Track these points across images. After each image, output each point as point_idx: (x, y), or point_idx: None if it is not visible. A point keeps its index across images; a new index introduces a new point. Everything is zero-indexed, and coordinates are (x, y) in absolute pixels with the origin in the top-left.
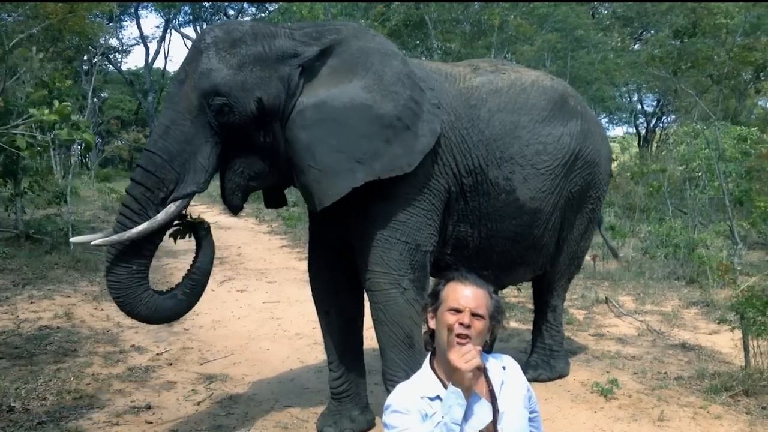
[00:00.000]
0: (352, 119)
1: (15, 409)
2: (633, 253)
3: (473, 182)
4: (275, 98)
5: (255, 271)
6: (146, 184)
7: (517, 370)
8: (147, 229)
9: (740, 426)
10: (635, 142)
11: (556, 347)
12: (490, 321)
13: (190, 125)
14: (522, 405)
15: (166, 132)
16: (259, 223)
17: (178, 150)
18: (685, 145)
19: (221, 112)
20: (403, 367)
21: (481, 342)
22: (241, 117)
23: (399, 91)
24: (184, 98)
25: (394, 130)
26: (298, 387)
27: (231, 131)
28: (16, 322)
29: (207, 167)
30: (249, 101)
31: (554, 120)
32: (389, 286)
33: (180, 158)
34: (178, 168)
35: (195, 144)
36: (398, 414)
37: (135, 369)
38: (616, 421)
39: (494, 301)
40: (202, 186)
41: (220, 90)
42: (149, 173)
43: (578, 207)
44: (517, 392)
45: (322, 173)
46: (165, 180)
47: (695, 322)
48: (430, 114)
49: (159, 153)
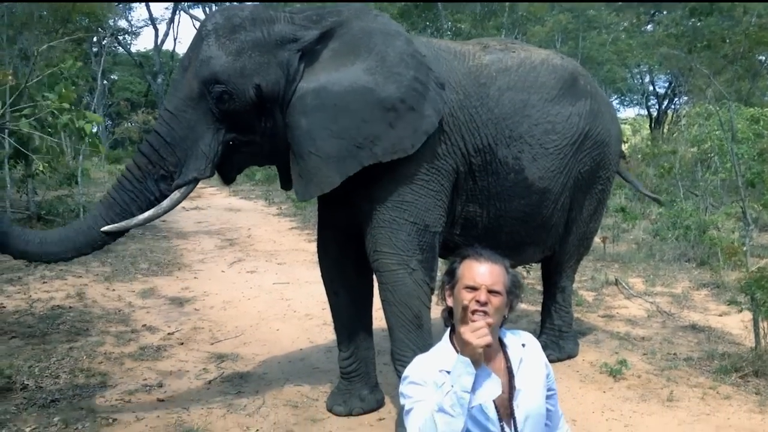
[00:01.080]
0: (353, 104)
1: (28, 387)
2: (643, 235)
3: (482, 162)
4: (274, 84)
5: (265, 252)
6: (150, 158)
7: (536, 347)
8: (153, 215)
9: (749, 406)
10: (647, 123)
11: (565, 328)
12: (508, 296)
13: (193, 112)
14: (540, 383)
15: (171, 118)
16: (268, 205)
17: (182, 136)
18: (697, 126)
19: (221, 99)
20: (412, 347)
21: (499, 318)
22: (240, 103)
23: (402, 72)
24: (186, 86)
25: (396, 112)
26: (308, 366)
27: (232, 118)
28: (28, 301)
29: (208, 154)
30: (248, 88)
31: (563, 99)
32: (397, 267)
33: (183, 144)
34: (180, 153)
35: (197, 131)
36: (414, 385)
37: (147, 348)
38: (624, 401)
39: (511, 275)
40: (203, 173)
41: (219, 77)
42: (154, 150)
43: (588, 187)
44: (535, 370)
45: (323, 160)
46: (167, 160)
47: (705, 303)
48: (435, 93)
49: (164, 136)
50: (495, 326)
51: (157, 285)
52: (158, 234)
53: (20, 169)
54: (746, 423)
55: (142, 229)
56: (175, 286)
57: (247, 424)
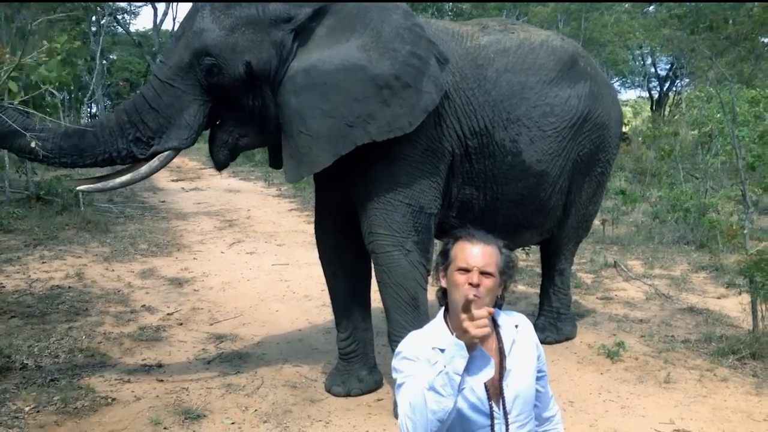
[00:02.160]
0: (344, 82)
1: (28, 366)
2: (643, 217)
3: (478, 144)
4: (265, 63)
5: (264, 233)
6: (131, 117)
7: (529, 329)
8: (130, 180)
9: (746, 388)
10: (648, 106)
11: (563, 310)
12: (501, 277)
13: (181, 82)
14: (530, 365)
15: (160, 85)
16: (268, 186)
17: (167, 104)
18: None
19: (210, 72)
20: (408, 328)
21: (492, 299)
22: (229, 79)
23: (397, 48)
24: (177, 55)
25: (391, 90)
26: (306, 347)
27: (220, 92)
28: (28, 281)
29: (192, 125)
30: (238, 64)
31: (562, 81)
32: (392, 249)
33: (167, 112)
34: (162, 121)
35: (183, 101)
36: (407, 360)
37: (146, 328)
38: (622, 382)
39: (504, 256)
40: (185, 142)
41: (209, 50)
42: (136, 111)
43: (587, 170)
44: (526, 351)
45: (313, 139)
46: (147, 125)
47: (704, 286)
48: (436, 69)
49: (149, 101)
50: (487, 306)
51: (157, 266)
52: (157, 215)
53: None
54: (743, 405)
55: (141, 210)
56: (174, 267)
57: (246, 404)
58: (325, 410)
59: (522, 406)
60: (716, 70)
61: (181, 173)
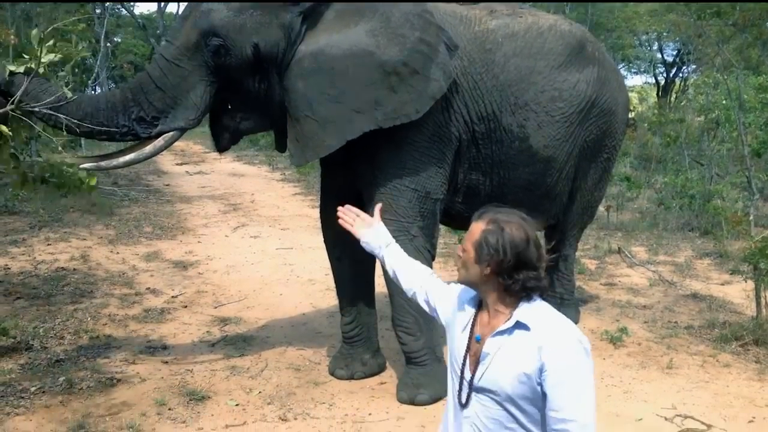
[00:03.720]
0: (352, 67)
1: (33, 347)
2: (648, 204)
3: (486, 129)
4: (273, 45)
5: (268, 218)
6: (136, 96)
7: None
8: (134, 159)
9: (749, 374)
10: (654, 92)
11: (566, 296)
12: (476, 254)
13: (188, 62)
14: (517, 366)
15: (166, 65)
16: (272, 170)
17: (173, 84)
18: (704, 95)
19: (217, 53)
20: (412, 313)
21: (469, 272)
22: (236, 60)
23: (406, 34)
24: (184, 35)
25: (398, 76)
26: (310, 331)
27: (226, 73)
28: (33, 263)
29: (199, 105)
30: (245, 45)
31: (571, 66)
32: (398, 234)
33: (172, 92)
34: (168, 100)
35: (190, 81)
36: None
37: (151, 311)
38: (624, 368)
39: (482, 234)
40: (191, 123)
41: (217, 31)
42: (142, 90)
43: (593, 156)
44: (519, 353)
45: (320, 124)
46: (151, 102)
47: (708, 272)
48: (445, 55)
49: (155, 81)
50: (466, 278)
51: (161, 249)
52: (162, 198)
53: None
54: (745, 391)
55: (146, 193)
56: (178, 250)
57: (250, 386)
58: (329, 393)
59: (493, 392)
60: (723, 57)
61: (185, 156)
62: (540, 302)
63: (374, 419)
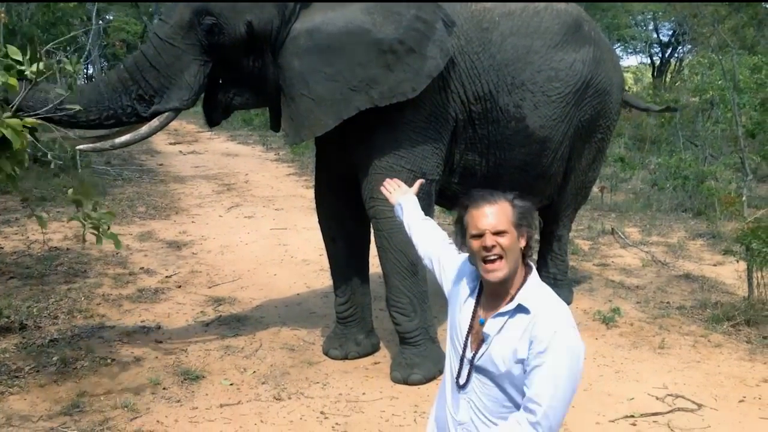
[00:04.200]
0: (348, 46)
1: (27, 327)
2: (641, 185)
3: (482, 109)
4: (267, 23)
5: (262, 198)
6: (133, 75)
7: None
8: (130, 140)
9: (740, 354)
10: (649, 72)
11: (560, 276)
12: (518, 230)
13: (181, 41)
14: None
15: (160, 44)
16: (266, 150)
17: (167, 63)
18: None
19: (211, 31)
20: (407, 294)
21: (515, 255)
22: (230, 39)
23: (402, 12)
24: (178, 14)
25: (395, 54)
26: (304, 311)
27: (220, 52)
28: (26, 242)
29: (193, 85)
30: (239, 23)
31: (567, 45)
32: (393, 214)
33: (167, 72)
34: (163, 80)
35: (183, 60)
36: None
37: (144, 290)
38: (616, 348)
39: (517, 208)
40: (185, 103)
41: (210, 9)
42: (137, 69)
43: (588, 136)
44: (515, 336)
45: (315, 102)
46: (147, 80)
47: (700, 253)
48: (442, 33)
49: (150, 59)
50: (512, 263)
51: (155, 228)
52: (155, 178)
53: None
54: (736, 370)
55: (139, 173)
56: (172, 230)
57: (244, 366)
58: (323, 372)
59: (491, 372)
60: (718, 37)
61: (179, 136)
62: (541, 283)
63: (368, 399)
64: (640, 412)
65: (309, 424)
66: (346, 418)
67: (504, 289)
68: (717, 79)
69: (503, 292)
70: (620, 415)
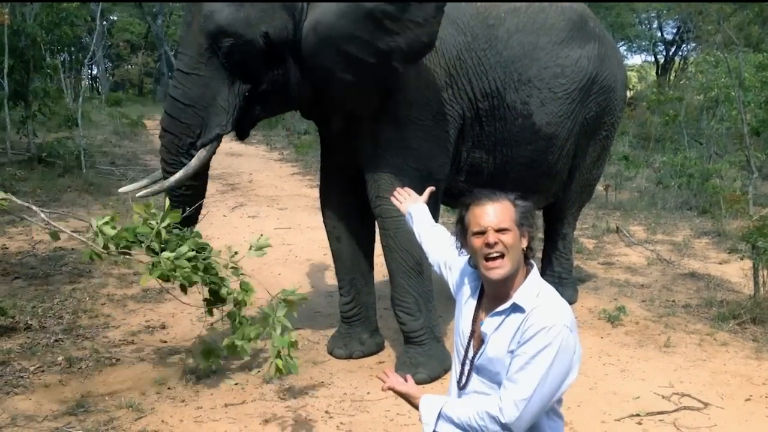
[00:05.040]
0: (346, 29)
1: (32, 327)
2: (646, 183)
3: (489, 107)
4: (281, 29)
5: (266, 197)
6: (173, 131)
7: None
8: (183, 177)
9: (746, 352)
10: (653, 70)
11: (564, 275)
12: (520, 229)
13: (205, 69)
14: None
15: (185, 78)
16: (270, 150)
17: (198, 95)
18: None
19: (230, 52)
20: (412, 293)
21: (517, 253)
22: (250, 54)
23: None
24: (194, 43)
25: (390, 17)
26: (308, 311)
27: (244, 69)
28: (31, 243)
29: (227, 108)
30: (256, 37)
31: (573, 42)
32: (399, 214)
33: (201, 103)
34: (201, 113)
35: (213, 87)
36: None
37: (149, 290)
38: (622, 346)
39: (519, 207)
40: (225, 128)
41: (225, 30)
42: (174, 119)
43: (592, 133)
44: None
45: (351, 88)
46: (191, 125)
47: (706, 251)
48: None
49: (180, 99)
50: (514, 261)
51: None
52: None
53: (20, 111)
54: (742, 369)
55: (143, 173)
56: None
57: (249, 366)
58: (327, 372)
59: (489, 371)
60: (724, 34)
61: None
62: (542, 282)
63: (373, 398)
64: (646, 411)
65: (314, 423)
66: (350, 417)
67: (505, 289)
68: (722, 77)
69: (503, 293)
70: (626, 413)
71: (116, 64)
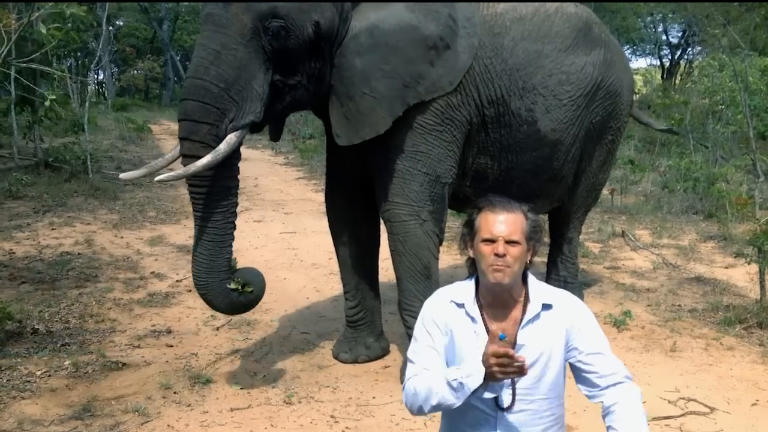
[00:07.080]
0: (401, 42)
1: (39, 331)
2: (652, 187)
3: (495, 113)
4: (330, 22)
5: (272, 202)
6: (209, 120)
7: (564, 312)
8: (211, 161)
9: (752, 357)
10: (659, 74)
11: (570, 279)
12: (528, 243)
13: (244, 50)
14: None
15: (218, 58)
16: (275, 154)
17: (234, 77)
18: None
19: (278, 35)
20: (420, 298)
21: (521, 266)
22: (296, 41)
23: (439, 9)
24: (234, 21)
25: (436, 50)
26: (314, 315)
27: (282, 57)
28: (38, 247)
29: (262, 95)
30: (306, 24)
31: (578, 49)
32: (408, 218)
33: (236, 86)
34: (236, 96)
35: (249, 70)
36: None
37: (155, 295)
38: (628, 351)
39: (530, 221)
40: (258, 115)
41: (278, 12)
42: (209, 106)
43: (598, 138)
44: (549, 333)
45: (377, 100)
46: (226, 111)
47: (712, 255)
48: (466, 30)
49: (215, 81)
50: (517, 273)
51: (165, 233)
52: (166, 182)
53: (26, 116)
54: (748, 373)
55: (149, 178)
56: (182, 234)
57: (255, 370)
58: (333, 376)
59: (533, 381)
60: (729, 38)
61: None
62: (536, 279)
63: (378, 402)
64: (653, 416)
65: (319, 427)
66: (356, 422)
67: (509, 295)
68: (727, 80)
69: (509, 298)
70: None
71: (122, 69)
